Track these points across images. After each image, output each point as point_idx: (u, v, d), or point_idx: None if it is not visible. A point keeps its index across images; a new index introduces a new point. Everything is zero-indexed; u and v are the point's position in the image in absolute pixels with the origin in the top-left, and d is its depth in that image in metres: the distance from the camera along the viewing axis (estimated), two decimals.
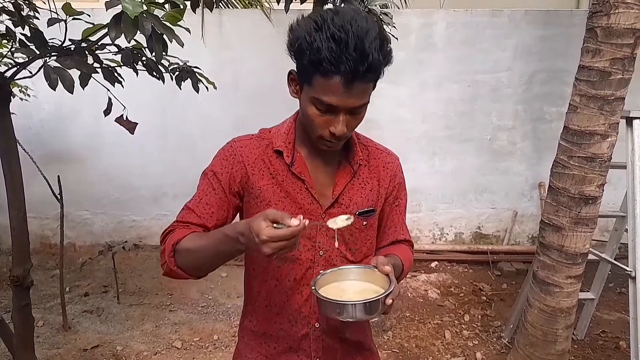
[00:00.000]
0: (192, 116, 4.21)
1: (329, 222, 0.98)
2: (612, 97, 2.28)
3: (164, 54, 1.57)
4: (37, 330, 2.93)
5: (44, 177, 2.77)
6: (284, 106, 1.14)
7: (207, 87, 2.29)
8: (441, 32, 4.13)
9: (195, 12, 2.08)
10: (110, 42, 1.48)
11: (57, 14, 1.58)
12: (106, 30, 1.39)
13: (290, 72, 1.03)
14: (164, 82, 2.11)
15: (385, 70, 0.96)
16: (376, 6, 1.84)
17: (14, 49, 1.78)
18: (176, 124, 4.27)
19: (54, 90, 1.62)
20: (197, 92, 2.25)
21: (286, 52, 0.98)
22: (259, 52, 4.12)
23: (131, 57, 1.87)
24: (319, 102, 0.95)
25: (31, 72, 1.79)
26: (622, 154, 2.55)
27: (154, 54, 1.46)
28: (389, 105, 4.13)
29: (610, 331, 3.18)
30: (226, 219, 1.09)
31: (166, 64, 2.13)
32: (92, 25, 1.60)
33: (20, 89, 3.30)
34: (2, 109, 1.84)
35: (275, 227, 0.82)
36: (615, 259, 2.87)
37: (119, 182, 4.36)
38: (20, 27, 1.74)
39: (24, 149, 2.61)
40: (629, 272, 2.49)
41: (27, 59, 1.71)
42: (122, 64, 1.94)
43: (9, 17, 1.76)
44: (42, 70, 1.62)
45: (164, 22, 1.39)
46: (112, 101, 2.08)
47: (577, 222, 2.42)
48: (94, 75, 1.76)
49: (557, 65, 4.09)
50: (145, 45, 1.51)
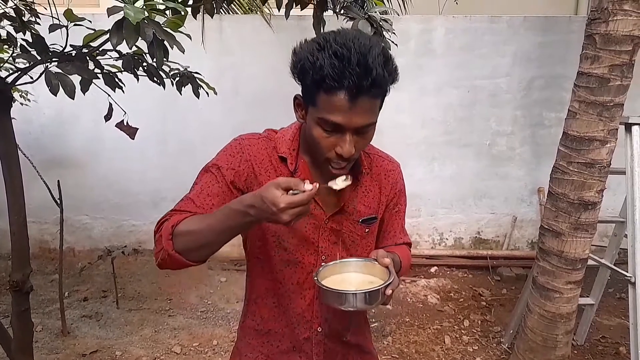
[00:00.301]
0: (192, 121, 4.21)
1: (329, 183, 0.97)
2: (611, 104, 2.29)
3: (164, 59, 1.57)
4: (36, 335, 2.93)
5: (44, 181, 2.77)
6: (284, 111, 1.14)
7: (207, 93, 2.29)
8: (440, 38, 4.15)
9: (195, 18, 2.09)
10: (111, 47, 1.48)
11: (59, 20, 1.59)
12: (107, 36, 1.40)
13: (295, 97, 1.02)
14: (164, 87, 2.12)
15: (391, 87, 0.94)
16: (376, 13, 1.85)
17: (15, 55, 1.79)
18: (176, 129, 4.27)
19: (55, 95, 1.62)
20: (198, 98, 2.26)
21: (290, 74, 0.97)
22: (259, 57, 4.13)
23: (132, 63, 1.87)
24: (324, 121, 0.92)
25: (32, 78, 1.80)
26: (621, 160, 2.56)
27: (154, 60, 1.47)
28: (389, 110, 4.10)
29: (610, 337, 3.18)
30: None
31: (167, 69, 2.14)
32: (93, 31, 1.60)
33: (20, 94, 3.31)
34: (3, 114, 1.85)
35: (290, 193, 0.83)
36: (614, 265, 2.88)
37: (118, 187, 4.36)
38: (21, 33, 1.74)
39: (24, 154, 2.62)
40: (629, 278, 2.49)
41: (29, 65, 1.71)
42: (123, 70, 1.94)
43: (10, 23, 1.76)
44: (43, 75, 1.62)
45: (165, 28, 1.39)
46: (113, 106, 2.08)
47: (577, 228, 2.43)
48: (94, 80, 1.76)
49: (556, 71, 4.10)
50: (146, 51, 1.51)
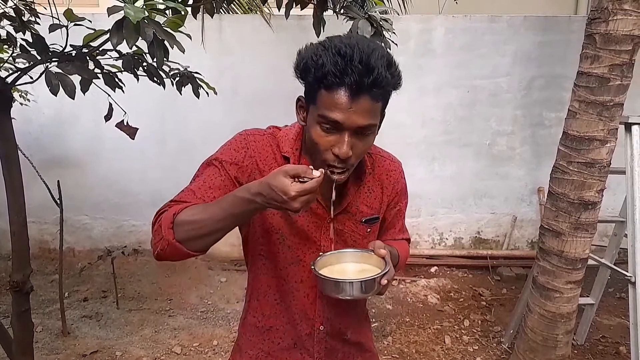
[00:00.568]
0: (192, 121, 4.21)
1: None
2: (611, 103, 2.29)
3: (165, 59, 1.57)
4: (36, 335, 2.92)
5: (44, 181, 2.77)
6: (284, 111, 1.14)
7: (207, 93, 2.29)
8: (440, 37, 4.15)
9: (196, 18, 2.09)
10: (111, 47, 1.48)
11: (59, 20, 1.59)
12: (107, 35, 1.39)
13: (298, 99, 1.02)
14: (164, 87, 2.12)
15: (393, 92, 0.95)
16: (376, 12, 1.85)
17: (15, 55, 1.79)
18: (176, 129, 4.27)
19: (56, 95, 1.62)
20: (198, 98, 2.26)
21: (291, 74, 0.97)
22: (259, 57, 4.13)
23: (132, 63, 1.87)
24: (324, 118, 0.92)
25: (32, 78, 1.80)
26: (621, 160, 2.56)
27: (155, 60, 1.46)
28: (388, 110, 4.13)
29: (610, 336, 3.18)
30: None
31: (167, 69, 2.14)
32: (93, 30, 1.60)
33: (20, 94, 3.31)
34: (3, 114, 1.85)
35: (299, 181, 0.83)
36: (614, 264, 2.88)
37: (118, 187, 4.36)
38: (21, 33, 1.74)
39: (24, 154, 2.61)
40: (629, 277, 2.49)
41: (29, 65, 1.71)
42: (123, 70, 1.94)
43: (10, 23, 1.76)
44: (43, 75, 1.62)
45: (165, 28, 1.39)
46: (113, 107, 2.08)
47: (577, 228, 2.43)
48: (94, 80, 1.76)
49: (556, 70, 4.10)
50: (146, 51, 1.51)
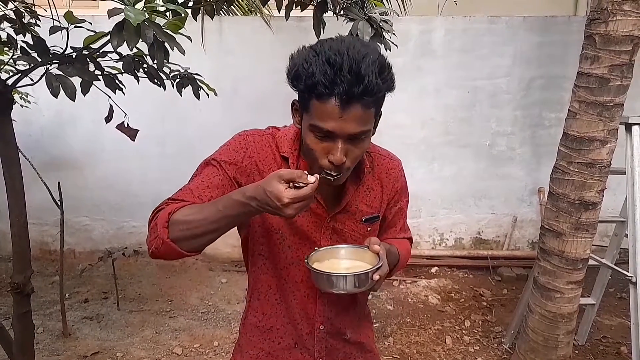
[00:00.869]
0: (192, 123, 4.21)
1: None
2: (611, 104, 2.30)
3: (165, 61, 1.58)
4: (37, 336, 2.92)
5: (44, 183, 2.77)
6: (284, 113, 1.14)
7: (207, 94, 2.30)
8: (440, 38, 4.15)
9: (196, 20, 2.09)
10: (111, 49, 1.49)
11: (59, 22, 1.59)
12: (108, 38, 1.40)
13: (293, 103, 1.02)
14: (165, 89, 2.12)
15: (386, 96, 0.94)
16: (376, 14, 1.85)
17: (15, 57, 1.79)
18: (176, 131, 4.28)
19: (56, 97, 1.62)
20: (198, 99, 2.26)
21: (286, 81, 0.97)
22: (259, 59, 4.13)
23: (132, 65, 1.87)
24: (317, 128, 0.92)
25: (32, 80, 1.80)
26: (621, 160, 2.56)
27: (155, 62, 1.47)
28: (388, 111, 4.08)
29: (611, 336, 3.18)
30: None
31: (167, 71, 2.14)
32: (93, 32, 1.60)
33: (21, 95, 3.31)
34: (4, 116, 1.85)
35: (294, 186, 0.82)
36: (615, 264, 2.87)
37: (118, 188, 4.36)
38: (21, 35, 1.74)
39: (25, 156, 2.62)
40: (630, 278, 2.49)
41: (29, 67, 1.71)
42: (123, 71, 1.94)
43: (10, 25, 1.77)
44: (43, 77, 1.62)
45: (166, 30, 1.39)
46: (113, 108, 2.08)
47: (577, 228, 2.43)
48: (94, 82, 1.76)
49: (555, 71, 4.11)
50: (146, 52, 1.51)
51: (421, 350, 3.05)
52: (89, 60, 1.73)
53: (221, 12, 3.97)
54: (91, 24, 1.62)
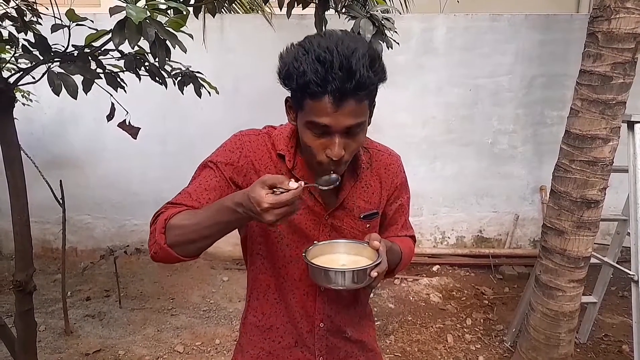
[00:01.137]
0: (194, 121, 4.21)
1: (317, 181, 0.96)
2: (614, 102, 2.29)
3: (166, 59, 1.58)
4: (39, 334, 2.93)
5: (46, 181, 2.77)
6: (285, 111, 1.14)
7: (209, 92, 2.30)
8: (442, 36, 4.14)
9: (197, 18, 2.09)
10: (113, 47, 1.49)
11: (61, 20, 1.59)
12: (109, 36, 1.40)
13: (286, 100, 1.02)
14: (166, 87, 2.12)
15: (379, 87, 0.94)
16: (377, 11, 1.85)
17: (17, 55, 1.79)
18: (177, 129, 4.28)
19: (58, 95, 1.62)
20: (200, 97, 2.26)
21: (277, 80, 0.96)
22: (261, 56, 4.11)
23: (134, 63, 1.87)
24: (313, 124, 0.93)
25: (34, 78, 1.80)
26: (623, 158, 2.56)
27: (157, 60, 1.47)
28: (390, 109, 4.14)
29: (612, 335, 3.17)
30: None
31: (169, 69, 2.14)
32: (95, 30, 1.61)
33: (22, 94, 3.31)
34: (6, 114, 1.85)
35: (275, 192, 0.82)
36: (617, 263, 2.87)
37: (120, 186, 4.37)
38: (23, 33, 1.74)
39: (27, 154, 2.62)
40: (632, 276, 2.49)
41: (31, 65, 1.71)
42: (125, 70, 1.94)
43: (12, 23, 1.77)
44: (45, 76, 1.62)
45: (167, 28, 1.39)
46: (115, 106, 2.08)
47: (579, 226, 2.42)
48: (96, 80, 1.76)
49: (557, 69, 4.09)
50: (148, 50, 1.51)
51: (422, 348, 3.05)
52: (90, 58, 1.74)
53: (223, 10, 3.96)
54: (93, 22, 1.62)
